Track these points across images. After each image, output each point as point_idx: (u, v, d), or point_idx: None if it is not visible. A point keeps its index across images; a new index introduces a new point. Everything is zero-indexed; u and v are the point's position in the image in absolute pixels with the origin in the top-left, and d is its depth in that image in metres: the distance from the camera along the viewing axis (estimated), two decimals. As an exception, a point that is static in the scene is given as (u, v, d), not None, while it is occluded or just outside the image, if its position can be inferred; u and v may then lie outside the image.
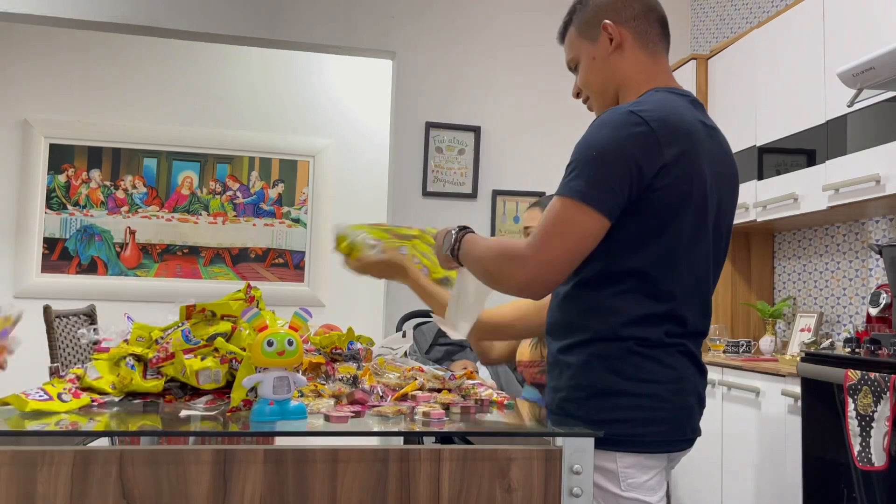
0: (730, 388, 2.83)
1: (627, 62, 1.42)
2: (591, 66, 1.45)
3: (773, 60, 3.10)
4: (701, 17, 4.39)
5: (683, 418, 1.32)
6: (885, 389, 1.98)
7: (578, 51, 1.47)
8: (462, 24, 4.21)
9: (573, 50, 1.48)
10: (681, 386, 1.32)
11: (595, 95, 1.47)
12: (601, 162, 1.25)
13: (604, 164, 1.25)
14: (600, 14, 1.43)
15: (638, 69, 1.42)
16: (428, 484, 1.04)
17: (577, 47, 1.47)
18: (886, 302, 2.56)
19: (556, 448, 1.09)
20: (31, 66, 5.00)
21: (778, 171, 3.04)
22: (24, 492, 0.96)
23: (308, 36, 4.07)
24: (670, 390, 1.30)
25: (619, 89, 1.43)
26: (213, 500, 0.99)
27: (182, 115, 5.16)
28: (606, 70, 1.44)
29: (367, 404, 1.27)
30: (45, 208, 4.98)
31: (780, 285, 3.55)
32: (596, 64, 1.44)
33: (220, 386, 1.30)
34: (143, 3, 3.91)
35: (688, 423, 1.33)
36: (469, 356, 2.93)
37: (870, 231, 3.02)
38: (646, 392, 1.28)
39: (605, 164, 1.25)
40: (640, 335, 1.29)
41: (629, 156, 1.25)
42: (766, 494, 2.62)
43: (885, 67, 2.19)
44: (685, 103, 1.37)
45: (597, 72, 1.45)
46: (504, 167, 4.20)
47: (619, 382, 1.28)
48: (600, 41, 1.43)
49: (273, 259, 5.25)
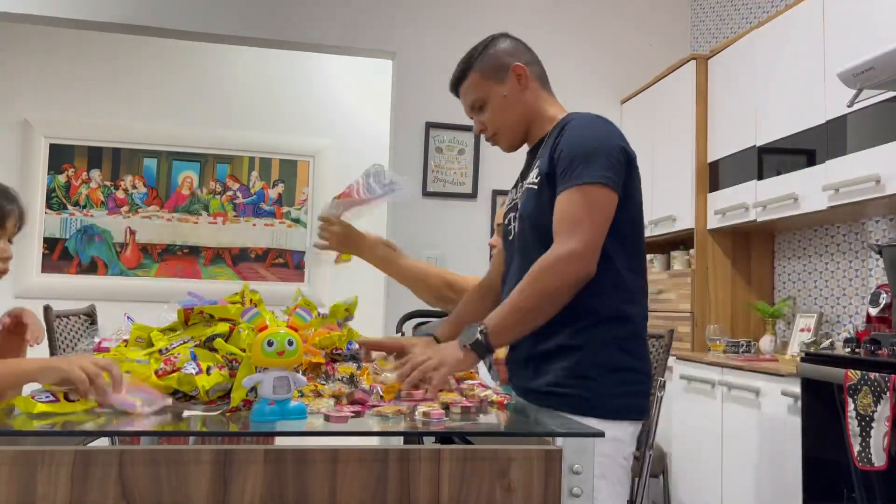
0: (730, 388, 2.83)
1: (536, 98, 1.63)
2: (502, 103, 1.61)
3: (773, 60, 3.10)
4: (701, 17, 4.39)
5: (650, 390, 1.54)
6: (885, 389, 1.98)
7: (485, 92, 1.62)
8: (462, 24, 4.21)
9: (478, 91, 1.63)
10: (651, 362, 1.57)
11: (507, 130, 1.64)
12: (602, 150, 1.44)
13: (605, 151, 1.44)
14: (505, 58, 1.61)
15: (544, 103, 1.64)
16: (428, 484, 1.04)
17: (484, 89, 1.62)
18: (886, 302, 2.56)
19: (556, 448, 1.09)
20: (31, 65, 5.00)
21: (778, 171, 3.04)
22: (24, 492, 0.96)
23: (308, 36, 4.07)
24: (650, 365, 1.55)
25: (531, 122, 1.63)
26: (213, 500, 0.99)
27: (182, 115, 5.16)
28: (518, 106, 1.61)
29: (367, 404, 1.27)
30: (45, 208, 4.98)
31: (780, 285, 3.55)
32: (508, 101, 1.61)
33: (225, 392, 1.30)
34: (143, 3, 3.91)
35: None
36: None
37: (870, 231, 3.02)
38: (642, 368, 1.50)
39: (608, 152, 1.45)
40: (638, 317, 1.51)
41: (619, 142, 1.48)
42: (766, 494, 2.62)
43: (885, 67, 2.19)
44: None
45: (510, 108, 1.61)
46: (504, 167, 4.19)
47: (628, 360, 1.47)
48: (509, 81, 1.60)
49: (273, 259, 5.25)
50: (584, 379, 1.44)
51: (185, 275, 5.08)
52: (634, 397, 1.48)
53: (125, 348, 1.42)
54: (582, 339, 1.46)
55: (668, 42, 4.42)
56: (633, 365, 1.48)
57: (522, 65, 1.60)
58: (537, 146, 1.63)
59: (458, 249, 4.08)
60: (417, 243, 4.08)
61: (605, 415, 1.41)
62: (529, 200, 1.55)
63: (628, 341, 1.48)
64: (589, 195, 1.41)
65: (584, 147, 1.45)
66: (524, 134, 1.65)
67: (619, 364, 1.46)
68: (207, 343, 1.36)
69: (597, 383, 1.44)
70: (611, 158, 1.44)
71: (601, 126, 1.51)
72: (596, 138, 1.47)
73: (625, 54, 4.36)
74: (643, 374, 1.51)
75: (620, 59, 4.36)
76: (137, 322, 1.48)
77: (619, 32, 4.38)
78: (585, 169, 1.42)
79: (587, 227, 1.40)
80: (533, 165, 1.60)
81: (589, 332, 1.46)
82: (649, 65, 4.25)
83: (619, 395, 1.45)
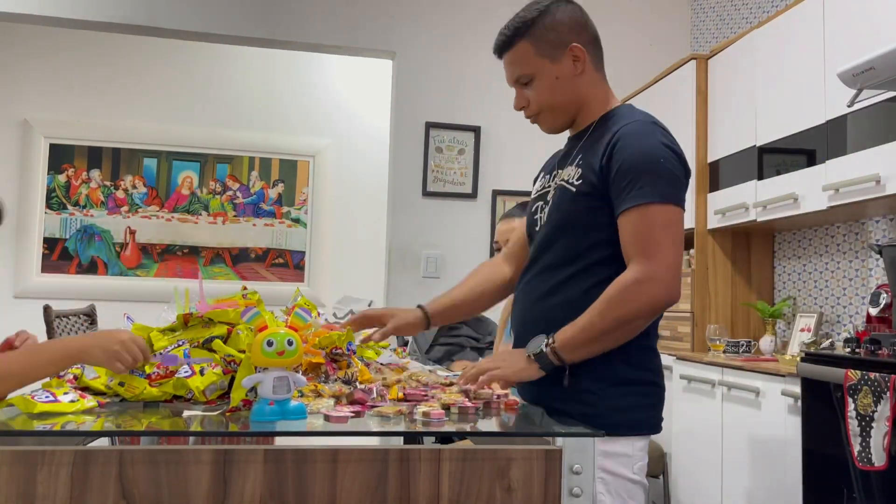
0: (730, 388, 2.83)
1: (590, 83, 1.52)
2: (553, 85, 1.49)
3: (773, 60, 3.10)
4: (701, 17, 4.39)
5: (664, 402, 1.48)
6: (885, 389, 1.98)
7: (535, 68, 1.49)
8: (462, 24, 4.21)
9: (527, 66, 1.50)
10: (663, 373, 1.50)
11: (554, 113, 1.53)
12: (669, 166, 1.38)
13: (671, 167, 1.38)
14: (563, 36, 1.47)
15: (597, 89, 1.53)
16: (428, 484, 1.04)
17: (535, 65, 1.49)
18: (886, 302, 2.56)
19: (556, 448, 1.09)
20: (31, 66, 5.00)
21: (778, 171, 3.04)
22: (24, 492, 0.96)
23: (308, 36, 4.07)
24: (661, 377, 1.48)
25: (580, 108, 1.53)
26: (213, 500, 0.99)
27: (182, 115, 5.16)
28: (570, 90, 1.51)
29: (366, 404, 1.27)
30: (45, 208, 4.98)
31: (780, 285, 3.55)
32: (560, 83, 1.49)
33: (223, 391, 1.30)
34: (143, 3, 3.91)
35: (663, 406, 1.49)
36: (469, 356, 2.93)
37: (870, 231, 3.02)
38: (654, 381, 1.45)
39: (672, 167, 1.39)
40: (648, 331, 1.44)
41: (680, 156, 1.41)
42: (766, 494, 2.62)
43: (885, 67, 2.18)
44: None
45: (561, 91, 1.50)
46: (504, 167, 4.20)
47: (634, 373, 1.42)
48: (564, 62, 1.48)
49: (273, 259, 5.25)
50: (587, 394, 1.40)
51: (185, 275, 5.08)
52: (642, 410, 1.42)
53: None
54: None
55: (668, 42, 4.42)
56: (640, 377, 1.43)
57: (582, 46, 1.47)
58: (581, 134, 1.54)
59: (458, 249, 4.08)
60: (417, 243, 4.08)
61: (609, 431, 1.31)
62: (564, 202, 1.47)
63: (635, 354, 1.42)
64: (661, 215, 1.34)
65: (647, 161, 1.37)
66: (571, 119, 1.54)
67: (625, 377, 1.40)
68: (206, 345, 1.36)
69: (599, 398, 1.39)
70: (676, 174, 1.38)
71: (657, 134, 1.41)
72: (657, 150, 1.38)
73: (625, 54, 4.36)
74: (651, 385, 1.44)
75: (620, 59, 4.35)
76: (137, 322, 1.48)
77: (619, 32, 4.38)
78: (651, 186, 1.35)
79: (667, 250, 1.34)
80: (574, 158, 1.50)
81: None
82: (649, 65, 4.25)
83: (623, 409, 1.39)
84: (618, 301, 1.34)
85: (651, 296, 1.34)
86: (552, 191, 1.53)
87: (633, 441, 1.39)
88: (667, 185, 1.36)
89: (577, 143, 1.54)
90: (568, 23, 1.48)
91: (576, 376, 1.40)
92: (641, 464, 1.40)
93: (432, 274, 4.05)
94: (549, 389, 1.43)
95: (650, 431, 1.43)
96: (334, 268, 5.27)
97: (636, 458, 1.39)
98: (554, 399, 1.41)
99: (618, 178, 1.38)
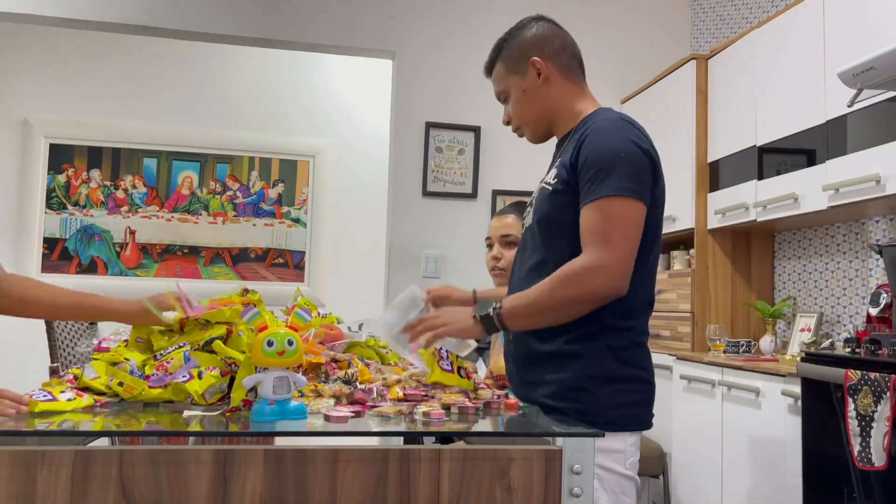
0: (730, 388, 2.83)
1: (557, 92, 1.59)
2: (522, 98, 1.60)
3: (773, 60, 3.10)
4: (701, 17, 4.39)
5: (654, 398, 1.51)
6: (885, 389, 1.98)
7: (507, 84, 1.62)
8: (462, 24, 4.21)
9: (502, 83, 1.63)
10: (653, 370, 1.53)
11: (529, 124, 1.63)
12: (630, 161, 1.41)
13: (633, 162, 1.41)
14: (526, 51, 1.59)
15: (567, 97, 1.60)
16: (428, 484, 1.04)
17: (506, 81, 1.62)
18: (886, 302, 2.56)
19: (556, 448, 1.09)
20: (31, 66, 5.00)
21: (778, 171, 3.04)
22: (24, 492, 0.96)
23: (308, 36, 4.07)
24: (652, 374, 1.51)
25: (553, 117, 1.61)
26: (213, 500, 0.99)
27: (182, 115, 5.16)
28: (538, 101, 1.59)
29: (366, 404, 1.27)
30: (45, 208, 4.98)
31: (780, 285, 3.55)
32: (527, 96, 1.60)
33: (223, 394, 1.30)
34: (144, 3, 3.91)
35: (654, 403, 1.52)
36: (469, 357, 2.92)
37: (870, 231, 3.02)
38: (643, 377, 1.48)
39: (634, 161, 1.41)
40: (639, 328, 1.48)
41: (646, 152, 1.44)
42: (766, 494, 2.62)
43: (885, 67, 2.18)
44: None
45: (529, 103, 1.60)
46: (504, 167, 4.20)
47: (625, 370, 1.44)
48: (529, 75, 1.58)
49: (273, 259, 5.25)
50: (580, 391, 1.42)
51: (185, 275, 5.08)
52: (634, 407, 1.46)
53: (125, 349, 1.42)
54: (579, 347, 1.44)
55: (668, 42, 4.41)
56: (631, 374, 1.46)
57: (541, 59, 1.57)
58: (564, 139, 1.61)
59: (458, 249, 4.08)
60: (417, 243, 4.08)
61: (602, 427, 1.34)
62: (544, 202, 1.53)
63: (627, 351, 1.45)
64: (617, 208, 1.38)
65: (609, 156, 1.41)
66: (547, 128, 1.63)
67: (617, 374, 1.43)
68: (206, 347, 1.35)
69: (592, 395, 1.42)
70: (636, 167, 1.41)
71: (624, 131, 1.46)
72: (620, 146, 1.42)
73: (625, 54, 4.36)
74: (642, 382, 1.48)
75: (620, 59, 4.36)
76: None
77: (619, 32, 4.38)
78: (611, 180, 1.39)
79: (618, 243, 1.37)
80: (554, 161, 1.59)
81: (587, 340, 1.43)
82: (649, 65, 4.25)
83: (616, 405, 1.43)
84: (566, 283, 1.39)
85: (597, 285, 1.38)
86: (536, 192, 1.61)
87: (625, 437, 1.43)
88: (626, 179, 1.39)
89: (559, 148, 1.62)
90: (531, 39, 1.60)
91: (567, 373, 1.44)
92: (633, 459, 1.44)
93: (432, 274, 4.05)
94: (542, 387, 1.47)
95: (642, 427, 1.48)
96: (334, 268, 5.27)
97: (629, 454, 1.43)
98: (547, 396, 1.45)
99: (583, 172, 1.44)
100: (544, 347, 1.48)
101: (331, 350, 1.60)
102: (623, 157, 1.40)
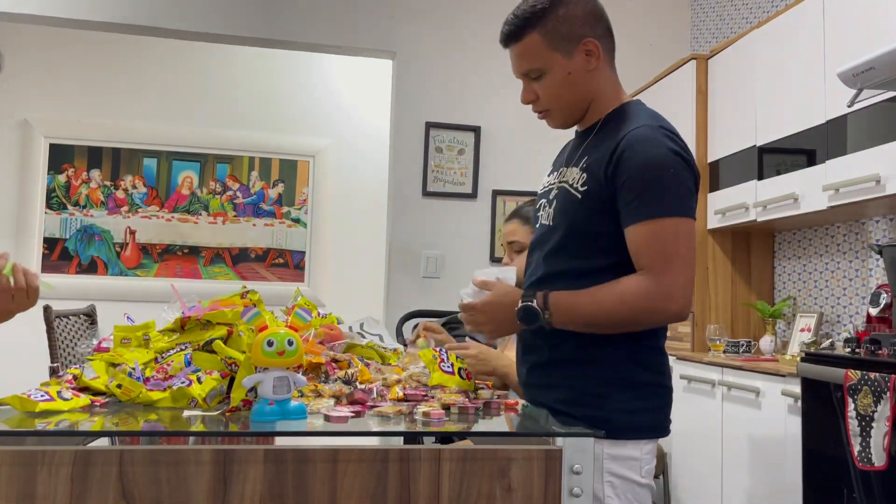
0: (730, 388, 2.83)
1: (602, 79, 1.46)
2: (565, 81, 1.42)
3: (773, 60, 3.10)
4: (701, 17, 4.39)
5: (671, 404, 1.45)
6: (885, 389, 1.98)
7: (545, 62, 1.41)
8: (462, 24, 4.21)
9: (537, 60, 1.42)
10: (671, 374, 1.48)
11: (563, 110, 1.47)
12: (679, 178, 1.33)
13: (681, 179, 1.34)
14: (577, 28, 1.40)
15: (608, 85, 1.48)
16: (428, 484, 1.04)
17: (546, 59, 1.41)
18: (886, 302, 2.56)
19: (556, 448, 1.09)
20: (31, 66, 5.00)
21: (778, 171, 3.04)
22: (24, 492, 0.96)
23: (308, 36, 4.07)
24: (670, 378, 1.45)
25: (590, 104, 1.47)
26: (213, 500, 0.99)
27: (182, 115, 5.16)
28: (582, 86, 1.44)
29: (366, 404, 1.27)
30: (45, 208, 4.98)
31: (780, 285, 3.55)
32: (572, 79, 1.42)
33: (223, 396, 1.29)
34: (143, 3, 3.91)
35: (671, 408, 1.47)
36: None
37: (870, 231, 3.02)
38: (662, 383, 1.43)
39: (683, 178, 1.34)
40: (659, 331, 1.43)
41: (689, 165, 1.36)
42: (766, 494, 2.62)
43: (885, 67, 2.18)
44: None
45: (572, 87, 1.44)
46: (504, 167, 4.20)
47: (646, 375, 1.40)
48: (576, 57, 1.41)
49: (273, 259, 5.25)
50: (598, 397, 1.37)
51: (185, 275, 5.08)
52: (650, 413, 1.40)
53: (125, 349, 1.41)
54: (595, 352, 1.38)
55: (668, 42, 4.41)
56: (647, 379, 1.40)
57: (596, 40, 1.41)
58: (589, 130, 1.48)
59: (458, 249, 4.08)
60: (417, 243, 4.08)
61: (617, 434, 1.32)
62: (569, 207, 1.42)
63: (644, 353, 1.40)
64: (673, 229, 1.31)
65: (657, 173, 1.32)
66: (581, 115, 1.48)
67: (634, 379, 1.38)
68: (206, 347, 1.35)
69: (608, 401, 1.37)
70: (686, 183, 1.34)
71: (669, 141, 1.36)
72: (667, 160, 1.33)
73: (625, 54, 4.33)
74: (661, 387, 1.42)
75: (620, 59, 4.33)
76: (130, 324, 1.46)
77: (619, 32, 4.35)
78: (663, 199, 1.31)
79: (679, 267, 1.30)
80: (580, 159, 1.45)
81: (607, 345, 1.38)
82: (649, 65, 4.25)
83: (632, 412, 1.37)
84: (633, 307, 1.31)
85: (664, 315, 1.33)
86: (555, 190, 1.49)
87: (641, 444, 1.37)
88: (675, 198, 1.32)
89: (583, 141, 1.49)
90: (582, 14, 1.40)
91: (582, 379, 1.39)
92: (649, 467, 1.39)
93: (432, 274, 4.05)
94: (554, 393, 1.42)
95: (658, 435, 1.41)
96: (334, 268, 5.27)
97: (644, 462, 1.37)
98: (560, 402, 1.39)
99: (625, 189, 1.33)
100: (561, 351, 1.42)
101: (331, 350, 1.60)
102: (671, 174, 1.32)
